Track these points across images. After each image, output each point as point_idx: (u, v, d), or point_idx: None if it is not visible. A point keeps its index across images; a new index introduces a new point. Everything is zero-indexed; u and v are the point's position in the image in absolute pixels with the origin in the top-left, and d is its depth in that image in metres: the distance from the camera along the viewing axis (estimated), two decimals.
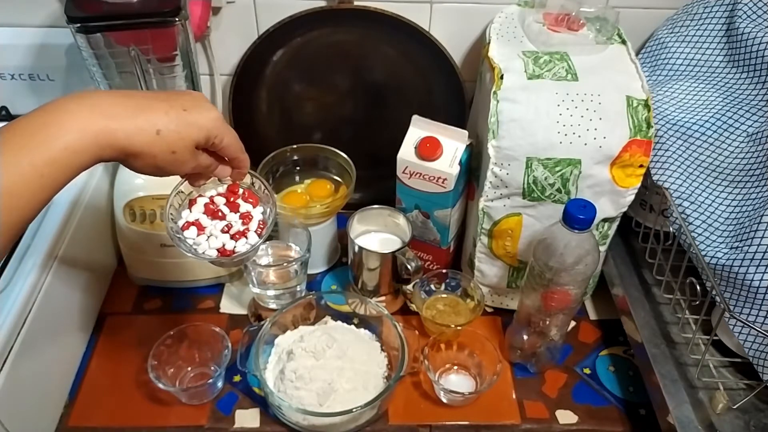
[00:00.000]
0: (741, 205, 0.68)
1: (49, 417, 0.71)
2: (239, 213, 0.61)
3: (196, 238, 0.60)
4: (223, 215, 0.60)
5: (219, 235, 0.60)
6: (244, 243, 0.60)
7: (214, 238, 0.60)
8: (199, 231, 0.60)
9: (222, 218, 0.60)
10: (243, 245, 0.60)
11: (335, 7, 0.83)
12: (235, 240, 0.60)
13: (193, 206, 0.61)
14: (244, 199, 0.61)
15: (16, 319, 0.64)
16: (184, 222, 0.60)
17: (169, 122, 0.49)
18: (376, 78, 0.90)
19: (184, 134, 0.50)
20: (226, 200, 0.61)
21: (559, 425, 0.73)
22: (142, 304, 0.85)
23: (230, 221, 0.60)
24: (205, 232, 0.60)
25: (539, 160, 0.68)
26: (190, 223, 0.60)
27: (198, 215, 0.60)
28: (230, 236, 0.60)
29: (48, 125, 0.45)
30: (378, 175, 0.90)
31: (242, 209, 0.61)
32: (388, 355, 0.77)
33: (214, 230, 0.60)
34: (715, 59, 0.77)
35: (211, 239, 0.60)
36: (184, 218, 0.60)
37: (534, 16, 0.77)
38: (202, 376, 0.76)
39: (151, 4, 0.66)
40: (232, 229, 0.60)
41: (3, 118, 0.87)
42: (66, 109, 0.46)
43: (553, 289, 0.68)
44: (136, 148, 0.48)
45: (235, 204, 0.61)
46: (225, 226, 0.60)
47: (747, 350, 0.64)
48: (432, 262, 0.86)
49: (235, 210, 0.61)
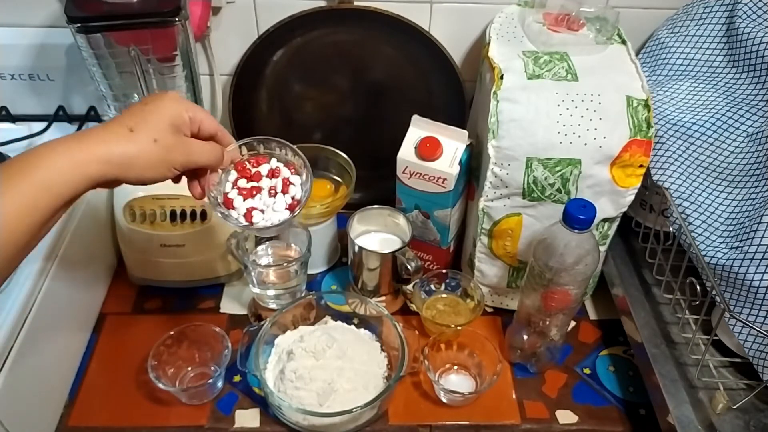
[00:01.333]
0: (741, 205, 0.68)
1: (49, 417, 0.71)
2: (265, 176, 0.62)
3: (264, 219, 0.61)
4: (258, 188, 0.61)
5: (275, 200, 0.62)
6: (295, 187, 0.63)
7: (274, 204, 0.61)
8: (258, 210, 0.61)
9: (260, 190, 0.62)
10: (297, 189, 0.63)
11: (335, 7, 0.83)
12: (288, 192, 0.62)
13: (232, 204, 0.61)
14: (256, 164, 0.62)
15: (16, 319, 0.64)
16: (242, 218, 0.61)
17: (136, 118, 0.50)
18: (376, 78, 0.90)
19: (156, 119, 0.50)
20: (247, 178, 0.61)
21: (559, 425, 0.73)
22: (142, 304, 0.85)
23: (269, 186, 0.62)
24: (264, 209, 0.61)
25: (539, 160, 0.68)
26: (247, 214, 0.61)
27: (244, 206, 0.61)
28: (282, 193, 0.62)
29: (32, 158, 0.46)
30: (378, 175, 0.90)
31: (264, 171, 0.62)
32: (388, 355, 0.77)
33: (267, 201, 0.61)
34: (715, 59, 0.77)
35: (274, 206, 0.61)
36: (239, 216, 0.61)
37: (534, 16, 0.77)
38: (202, 376, 0.76)
39: (151, 4, 0.66)
40: (278, 188, 0.62)
41: (3, 118, 0.87)
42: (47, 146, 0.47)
43: (553, 289, 0.68)
44: (118, 151, 0.48)
45: (256, 174, 0.62)
46: (269, 191, 0.62)
47: (747, 350, 0.64)
48: (432, 262, 0.86)
49: (259, 178, 0.62)
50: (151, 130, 0.50)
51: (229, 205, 0.61)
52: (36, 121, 0.86)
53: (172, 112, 0.51)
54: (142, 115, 0.50)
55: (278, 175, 0.63)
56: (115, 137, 0.49)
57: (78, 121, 0.86)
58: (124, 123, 0.49)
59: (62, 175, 0.46)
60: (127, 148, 0.48)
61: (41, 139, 0.84)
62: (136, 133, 0.49)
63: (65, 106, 0.87)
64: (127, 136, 0.49)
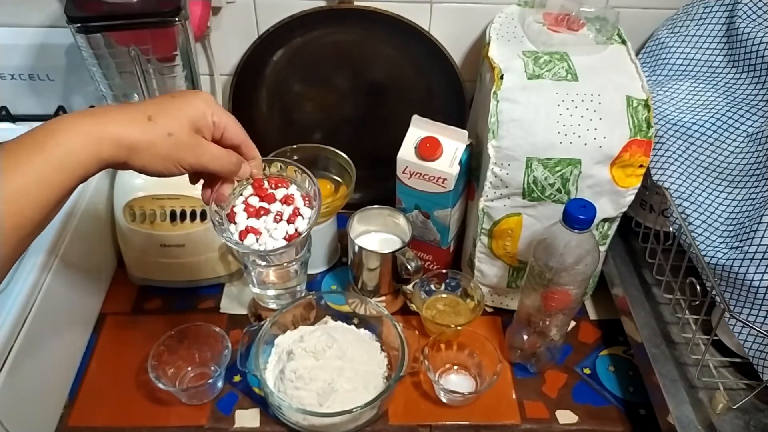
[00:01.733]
0: (741, 205, 0.68)
1: (49, 417, 0.71)
2: (279, 200, 0.62)
3: (258, 242, 0.61)
4: (266, 210, 0.61)
5: (277, 227, 0.61)
6: (302, 220, 0.62)
7: (274, 231, 0.61)
8: (256, 235, 0.60)
9: (267, 213, 0.61)
10: (302, 222, 0.62)
11: (335, 7, 0.83)
12: (293, 222, 0.62)
13: (234, 218, 0.61)
14: (275, 186, 0.62)
15: (16, 319, 0.64)
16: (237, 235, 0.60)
17: (159, 108, 0.49)
18: (376, 78, 0.90)
19: (178, 115, 0.50)
20: (260, 197, 0.61)
21: (559, 425, 0.73)
22: (142, 304, 0.85)
23: (277, 211, 0.61)
24: (262, 232, 0.61)
25: (539, 160, 0.68)
26: (243, 232, 0.60)
27: (244, 223, 0.60)
28: (287, 222, 0.61)
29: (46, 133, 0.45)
30: (378, 175, 0.90)
31: (279, 195, 0.62)
32: (388, 355, 0.77)
33: (269, 225, 0.61)
34: (715, 59, 0.77)
35: (273, 233, 0.61)
36: (235, 232, 0.61)
37: (534, 16, 0.77)
38: (202, 376, 0.76)
39: (151, 4, 0.66)
40: (285, 215, 0.61)
41: (3, 118, 0.87)
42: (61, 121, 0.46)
43: (553, 289, 0.68)
44: (131, 136, 0.47)
45: (270, 195, 0.61)
46: (275, 216, 0.61)
47: (747, 350, 0.64)
48: (432, 262, 0.86)
49: (272, 201, 0.61)
50: (169, 124, 0.49)
51: (231, 218, 0.61)
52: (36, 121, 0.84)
53: (196, 112, 0.51)
54: (166, 106, 0.50)
55: (291, 203, 0.62)
56: (131, 122, 0.48)
57: None
58: (145, 110, 0.49)
59: (76, 153, 0.45)
60: (141, 135, 0.48)
61: None
62: (153, 123, 0.49)
63: (65, 106, 0.87)
64: (144, 124, 0.48)
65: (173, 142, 0.49)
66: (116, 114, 0.48)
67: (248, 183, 0.61)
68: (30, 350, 0.65)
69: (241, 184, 0.60)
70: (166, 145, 0.49)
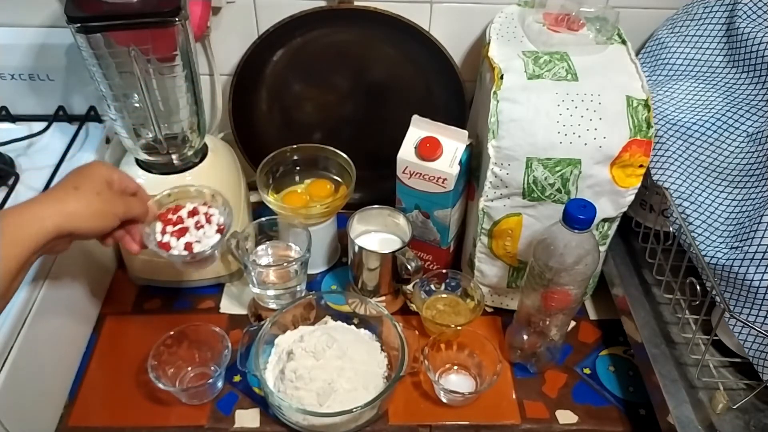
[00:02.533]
0: (741, 205, 0.68)
1: (49, 417, 0.71)
2: (187, 218, 0.71)
3: (201, 247, 0.70)
4: (186, 228, 0.71)
5: (205, 230, 0.71)
6: (216, 216, 0.72)
7: (204, 235, 0.71)
8: (194, 243, 0.70)
9: (188, 229, 0.71)
10: (218, 218, 0.72)
11: (335, 7, 0.83)
12: (210, 222, 0.72)
13: (169, 247, 0.69)
14: (175, 212, 0.71)
15: (16, 319, 0.64)
16: (184, 251, 0.69)
17: (78, 178, 0.59)
18: (376, 78, 0.90)
19: (95, 178, 0.60)
20: (172, 224, 0.70)
21: (559, 425, 0.73)
22: (142, 304, 0.85)
23: (194, 223, 0.71)
24: (199, 240, 0.70)
25: (539, 160, 0.68)
26: (188, 246, 0.70)
27: (182, 243, 0.69)
28: (207, 223, 0.72)
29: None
30: (378, 175, 0.90)
31: (184, 214, 0.71)
32: (388, 355, 0.77)
33: (196, 233, 0.71)
34: (715, 59, 0.77)
35: (206, 235, 0.71)
36: (179, 252, 0.69)
37: (534, 16, 0.77)
38: (202, 376, 0.76)
39: (151, 4, 0.66)
40: (202, 221, 0.71)
41: (3, 118, 0.87)
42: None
43: (553, 289, 0.68)
44: (69, 206, 0.57)
45: (179, 218, 0.71)
46: (195, 226, 0.71)
47: (747, 350, 0.64)
48: (432, 262, 0.86)
49: (182, 221, 0.71)
50: (93, 187, 0.59)
51: (166, 248, 0.69)
52: (36, 121, 0.86)
53: (104, 173, 0.61)
54: (83, 175, 0.60)
55: (198, 212, 0.72)
56: (65, 195, 0.58)
57: (78, 121, 0.86)
58: (69, 184, 0.59)
59: (27, 229, 0.54)
60: (77, 203, 0.57)
61: (41, 139, 0.84)
62: (81, 190, 0.58)
63: (65, 106, 0.87)
64: (75, 194, 0.58)
65: (103, 199, 0.59)
66: (51, 194, 0.58)
67: (155, 221, 0.70)
68: (30, 350, 0.65)
69: (148, 223, 0.69)
70: (99, 203, 0.59)
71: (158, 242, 0.69)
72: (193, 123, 0.77)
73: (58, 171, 0.78)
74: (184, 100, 0.75)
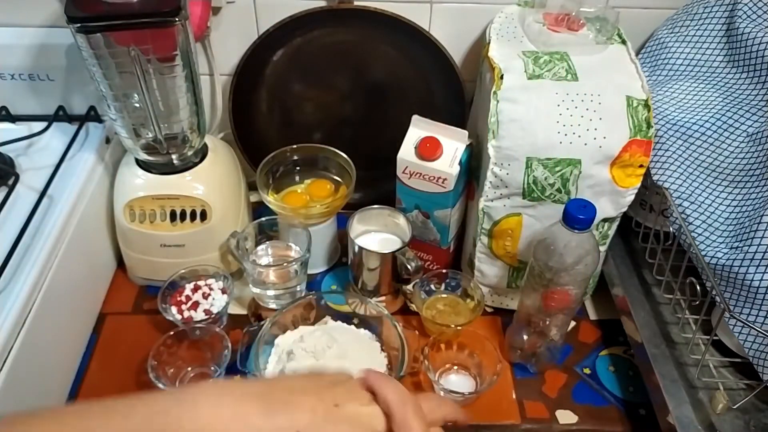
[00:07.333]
0: (741, 205, 0.68)
1: None
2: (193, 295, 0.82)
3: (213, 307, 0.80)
4: (196, 302, 0.81)
5: (212, 297, 0.81)
6: (215, 283, 0.83)
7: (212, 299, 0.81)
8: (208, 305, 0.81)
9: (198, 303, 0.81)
10: (214, 284, 0.82)
11: (335, 7, 0.83)
12: (212, 290, 0.82)
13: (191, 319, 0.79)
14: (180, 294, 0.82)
15: (16, 319, 0.64)
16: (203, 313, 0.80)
17: (314, 423, 0.41)
18: (376, 78, 0.90)
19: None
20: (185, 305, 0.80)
21: (559, 425, 0.73)
22: (142, 304, 0.85)
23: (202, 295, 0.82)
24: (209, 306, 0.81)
25: (539, 160, 0.68)
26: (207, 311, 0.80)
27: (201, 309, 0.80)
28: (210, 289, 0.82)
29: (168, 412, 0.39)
30: (378, 175, 0.90)
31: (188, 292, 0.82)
32: (388, 355, 0.77)
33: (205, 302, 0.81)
34: (715, 59, 0.77)
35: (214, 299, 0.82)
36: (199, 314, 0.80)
37: (534, 16, 0.77)
38: (202, 376, 0.76)
39: (151, 4, 0.66)
40: (206, 291, 0.82)
41: (3, 118, 0.87)
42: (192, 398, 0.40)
43: (553, 289, 0.68)
44: None
45: (186, 297, 0.81)
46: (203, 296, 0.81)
47: (747, 350, 0.64)
48: (432, 262, 0.86)
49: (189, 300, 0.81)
50: None
51: (189, 321, 0.78)
52: (36, 121, 0.86)
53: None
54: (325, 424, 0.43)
55: (200, 287, 0.81)
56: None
57: (78, 121, 0.86)
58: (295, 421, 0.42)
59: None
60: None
61: (41, 139, 0.84)
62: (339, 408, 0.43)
63: (65, 106, 0.87)
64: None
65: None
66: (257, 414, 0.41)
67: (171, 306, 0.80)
68: (30, 350, 0.65)
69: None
70: None
71: (182, 319, 0.77)
72: (193, 123, 0.78)
73: (58, 171, 0.78)
74: (184, 100, 0.75)
